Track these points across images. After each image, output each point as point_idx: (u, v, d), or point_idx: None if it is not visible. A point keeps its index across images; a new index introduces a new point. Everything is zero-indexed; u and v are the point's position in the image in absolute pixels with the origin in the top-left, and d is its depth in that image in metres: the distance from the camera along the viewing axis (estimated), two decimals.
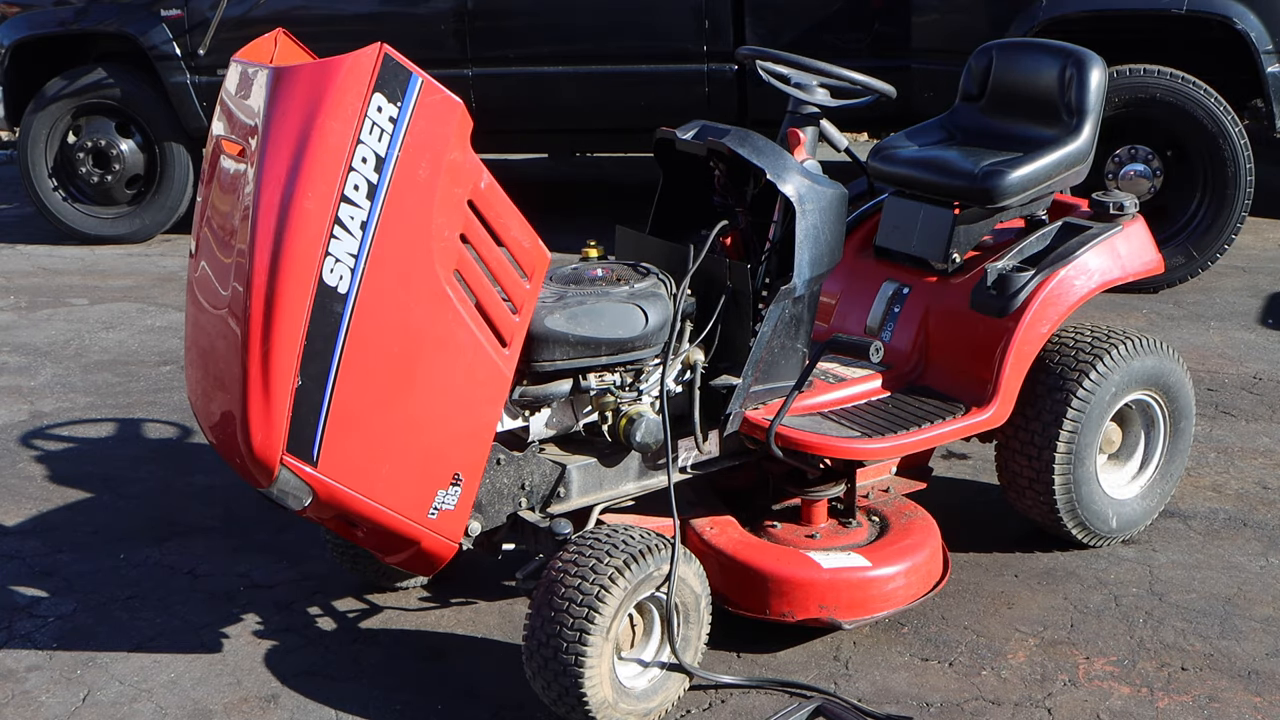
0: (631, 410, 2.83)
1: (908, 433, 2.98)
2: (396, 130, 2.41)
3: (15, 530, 3.76)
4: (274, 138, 2.36)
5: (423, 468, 2.61)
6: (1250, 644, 2.96)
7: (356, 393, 2.46)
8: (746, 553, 2.92)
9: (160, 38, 7.17)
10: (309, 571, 3.44)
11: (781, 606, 2.87)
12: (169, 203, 7.48)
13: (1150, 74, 5.72)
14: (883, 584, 2.90)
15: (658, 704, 2.72)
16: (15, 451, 4.36)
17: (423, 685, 2.91)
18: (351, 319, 2.41)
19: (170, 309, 6.09)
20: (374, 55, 2.40)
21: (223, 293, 2.51)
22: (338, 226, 2.37)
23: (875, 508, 3.17)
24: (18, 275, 6.89)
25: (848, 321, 3.44)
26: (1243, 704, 2.74)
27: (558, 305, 2.78)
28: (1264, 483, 3.80)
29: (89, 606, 3.31)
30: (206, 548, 3.62)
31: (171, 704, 2.87)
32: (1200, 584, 3.24)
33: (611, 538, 2.64)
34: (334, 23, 7.04)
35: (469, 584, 3.32)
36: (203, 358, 2.69)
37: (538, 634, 2.57)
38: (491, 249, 2.60)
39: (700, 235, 2.97)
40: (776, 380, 2.97)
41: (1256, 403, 4.42)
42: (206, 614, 3.25)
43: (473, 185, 2.54)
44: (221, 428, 2.57)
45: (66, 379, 5.12)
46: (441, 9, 6.84)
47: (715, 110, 6.56)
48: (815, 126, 3.18)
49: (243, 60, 2.64)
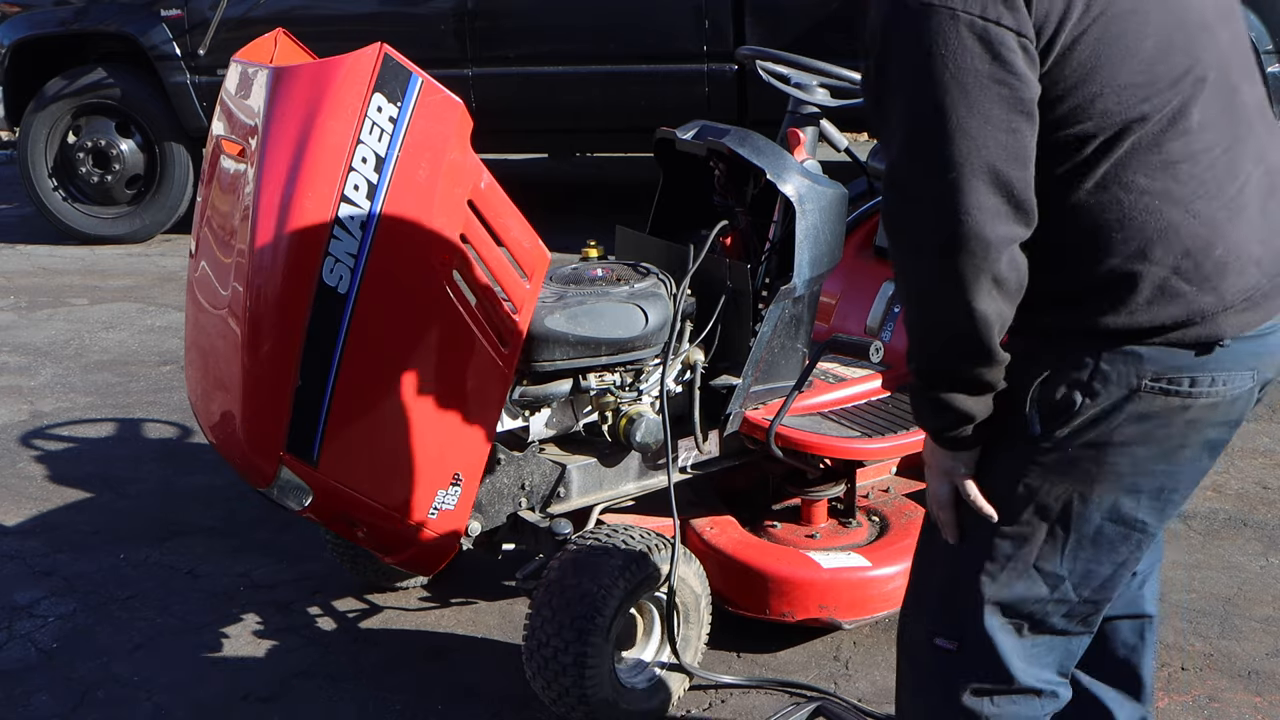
0: (631, 410, 2.83)
1: (908, 433, 2.98)
2: (396, 130, 2.41)
3: (15, 530, 3.76)
4: (274, 138, 2.36)
5: (423, 468, 2.61)
6: (1250, 644, 2.96)
7: (356, 393, 2.46)
8: (746, 553, 2.92)
9: (160, 38, 7.18)
10: (309, 571, 3.44)
11: (781, 606, 2.87)
12: (169, 203, 7.48)
13: None
14: (883, 584, 2.90)
15: (658, 704, 2.72)
16: (15, 451, 4.36)
17: (423, 685, 2.91)
18: (351, 319, 2.41)
19: (170, 309, 6.09)
20: (374, 55, 2.40)
21: (223, 293, 2.51)
22: (338, 226, 2.37)
23: (875, 508, 3.17)
24: (18, 275, 6.89)
25: (848, 321, 3.44)
26: (1243, 704, 2.74)
27: (558, 305, 2.78)
28: (1264, 483, 3.80)
29: (89, 606, 3.31)
30: (206, 548, 3.62)
31: (171, 704, 2.87)
32: (1200, 584, 3.24)
33: (611, 538, 2.64)
34: (334, 23, 7.05)
35: (469, 584, 3.32)
36: (203, 358, 2.69)
37: (538, 634, 2.57)
38: (491, 249, 2.60)
39: (700, 235, 2.97)
40: (776, 380, 2.97)
41: None
42: (206, 614, 3.25)
43: (473, 185, 2.54)
44: (221, 428, 2.57)
45: (66, 379, 5.12)
46: (441, 9, 6.84)
47: (715, 110, 6.55)
48: (815, 126, 3.18)
49: (243, 60, 2.64)
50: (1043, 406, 1.75)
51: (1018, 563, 1.82)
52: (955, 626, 1.87)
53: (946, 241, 1.62)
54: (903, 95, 1.66)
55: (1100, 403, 1.72)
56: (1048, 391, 1.74)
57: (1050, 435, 1.75)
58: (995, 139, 1.61)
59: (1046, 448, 1.76)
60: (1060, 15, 1.64)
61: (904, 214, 1.70)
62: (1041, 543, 1.81)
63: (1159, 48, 1.69)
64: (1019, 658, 1.86)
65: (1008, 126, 1.62)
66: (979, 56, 1.61)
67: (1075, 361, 1.73)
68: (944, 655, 1.89)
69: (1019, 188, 1.63)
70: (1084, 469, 1.76)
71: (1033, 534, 1.81)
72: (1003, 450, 1.80)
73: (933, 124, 1.62)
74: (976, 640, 1.85)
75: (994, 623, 1.84)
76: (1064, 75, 1.66)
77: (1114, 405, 1.72)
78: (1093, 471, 1.76)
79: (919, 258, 1.69)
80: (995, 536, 1.82)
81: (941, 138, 1.61)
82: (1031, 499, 1.79)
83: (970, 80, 1.61)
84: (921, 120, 1.64)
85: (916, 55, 1.63)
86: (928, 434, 1.83)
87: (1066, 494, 1.78)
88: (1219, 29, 1.77)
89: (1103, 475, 1.76)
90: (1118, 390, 1.71)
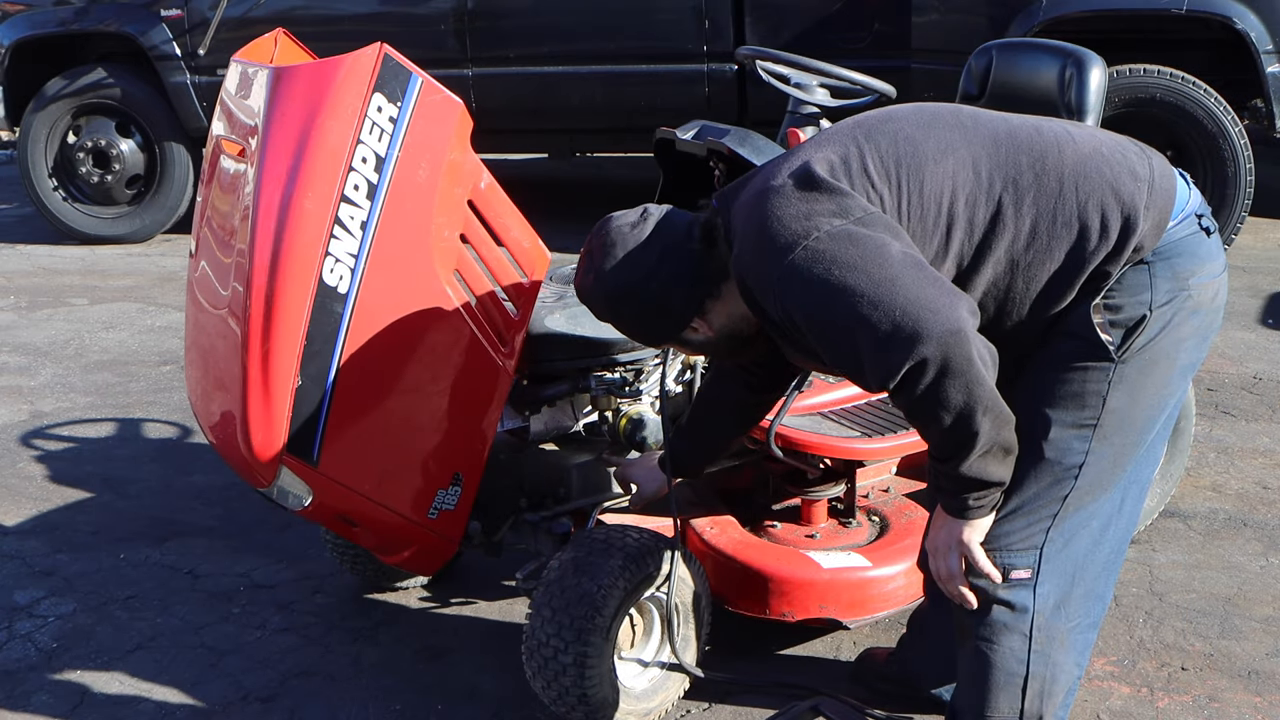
0: (631, 410, 2.83)
1: (908, 432, 2.98)
2: (396, 130, 2.41)
3: (15, 530, 3.76)
4: (274, 138, 2.36)
5: (423, 467, 2.61)
6: (1250, 644, 2.96)
7: (356, 393, 2.46)
8: (746, 553, 2.92)
9: (160, 38, 7.18)
10: (309, 571, 3.44)
11: (781, 606, 2.86)
12: (169, 203, 7.49)
13: (1150, 74, 5.72)
14: (883, 584, 2.90)
15: (658, 704, 2.72)
16: (15, 451, 4.36)
17: (423, 685, 2.91)
18: (351, 319, 2.41)
19: (170, 309, 6.10)
20: (374, 55, 2.40)
21: (223, 293, 2.51)
22: (338, 226, 2.36)
23: (875, 508, 3.17)
24: (18, 275, 6.90)
25: None
26: (1243, 704, 2.74)
27: (558, 305, 2.78)
28: (1264, 483, 3.80)
29: (89, 606, 3.31)
30: (206, 548, 3.62)
31: (171, 704, 2.87)
32: (1200, 584, 3.24)
33: (611, 538, 2.64)
34: (334, 23, 7.05)
35: (469, 584, 3.32)
36: (203, 358, 2.69)
37: (538, 634, 2.57)
38: (491, 249, 2.60)
39: None
40: None
41: (1256, 403, 4.42)
42: (206, 614, 3.25)
43: (473, 185, 2.54)
44: (221, 428, 2.57)
45: (66, 379, 5.12)
46: (441, 9, 6.85)
47: (715, 110, 6.56)
48: (815, 126, 3.18)
49: (243, 60, 2.64)
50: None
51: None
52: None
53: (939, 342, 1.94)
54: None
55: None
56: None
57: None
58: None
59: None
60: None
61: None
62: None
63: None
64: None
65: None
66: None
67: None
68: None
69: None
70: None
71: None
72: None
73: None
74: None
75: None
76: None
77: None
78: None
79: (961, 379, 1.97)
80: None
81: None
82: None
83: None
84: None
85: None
86: (956, 515, 2.13)
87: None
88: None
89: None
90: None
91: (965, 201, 2.07)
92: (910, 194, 2.07)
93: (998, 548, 2.15)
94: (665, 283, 2.19)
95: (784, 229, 2.01)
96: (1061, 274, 2.07)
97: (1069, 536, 2.16)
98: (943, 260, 2.07)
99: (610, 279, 2.20)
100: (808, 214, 2.01)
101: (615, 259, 2.19)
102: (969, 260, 2.08)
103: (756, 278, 2.07)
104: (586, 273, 2.24)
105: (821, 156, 2.09)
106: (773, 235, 2.02)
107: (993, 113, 2.21)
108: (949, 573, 2.17)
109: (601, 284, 2.21)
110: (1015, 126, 2.15)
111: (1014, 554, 2.15)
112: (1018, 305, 2.11)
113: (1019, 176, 2.08)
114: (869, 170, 2.07)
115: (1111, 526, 2.20)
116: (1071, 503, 2.14)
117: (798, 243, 1.99)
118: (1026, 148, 2.11)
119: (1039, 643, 2.19)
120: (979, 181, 2.08)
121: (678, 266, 2.18)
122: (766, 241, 2.02)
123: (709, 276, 2.19)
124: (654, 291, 2.19)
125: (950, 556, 2.16)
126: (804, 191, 2.03)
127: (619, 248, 2.19)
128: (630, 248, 2.19)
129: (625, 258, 2.19)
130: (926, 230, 2.06)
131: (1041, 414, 2.12)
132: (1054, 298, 2.09)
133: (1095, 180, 2.08)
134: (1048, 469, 2.13)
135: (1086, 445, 2.12)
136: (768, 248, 2.02)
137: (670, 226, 2.21)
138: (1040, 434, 2.12)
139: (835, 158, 2.09)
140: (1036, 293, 2.09)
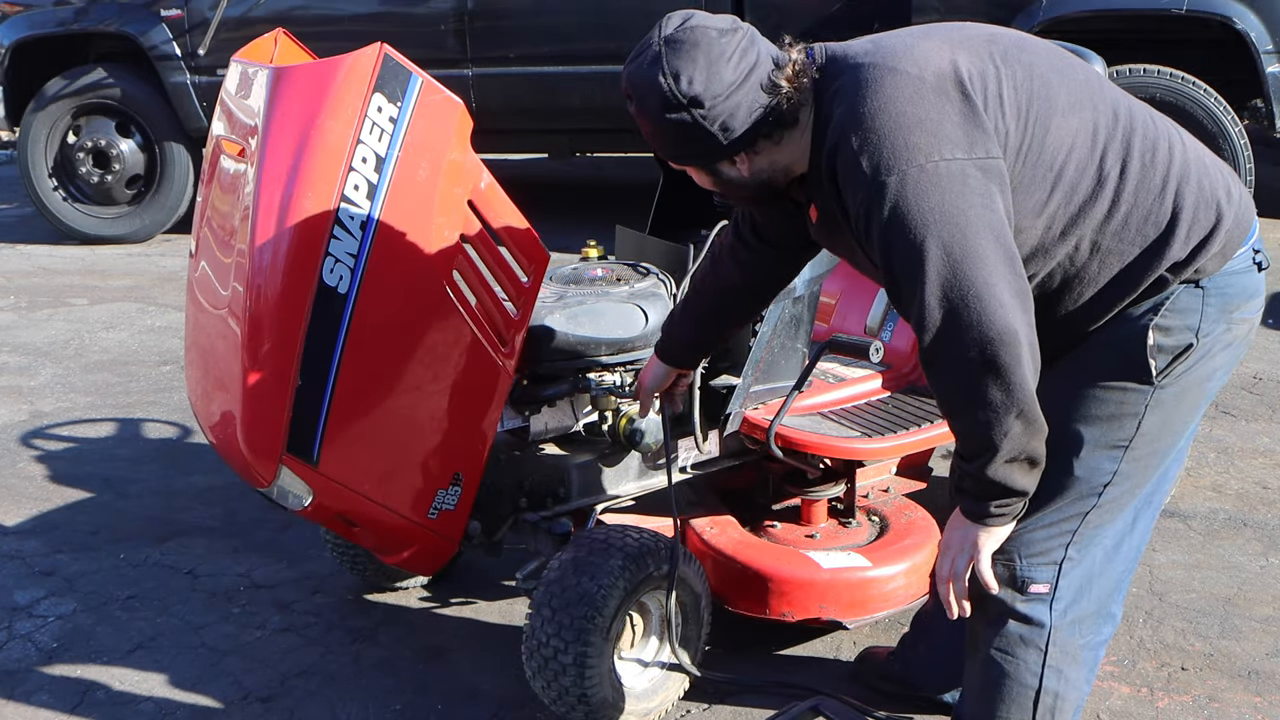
0: (631, 410, 2.83)
1: (908, 432, 2.98)
2: (396, 130, 2.41)
3: (15, 530, 3.76)
4: (274, 138, 2.36)
5: (423, 468, 2.61)
6: (1250, 644, 2.96)
7: (356, 393, 2.46)
8: (746, 553, 2.92)
9: (160, 38, 7.18)
10: (309, 571, 3.44)
11: (781, 606, 2.87)
12: (169, 203, 7.49)
13: (1150, 74, 5.72)
14: (882, 584, 2.90)
15: (658, 704, 2.72)
16: (15, 451, 4.36)
17: (423, 685, 2.91)
18: (351, 319, 2.41)
19: (170, 309, 6.10)
20: (374, 55, 2.40)
21: (223, 293, 2.51)
22: (338, 226, 2.36)
23: (875, 508, 3.17)
24: (18, 275, 6.90)
25: (848, 321, 3.44)
26: (1243, 704, 2.74)
27: (558, 305, 2.78)
28: (1264, 483, 3.80)
29: (89, 606, 3.31)
30: (206, 548, 3.62)
31: (171, 704, 2.87)
32: (1200, 584, 3.24)
33: (611, 538, 2.64)
34: (334, 23, 7.05)
35: (469, 584, 3.32)
36: (203, 358, 2.69)
37: (538, 634, 2.57)
38: (491, 249, 2.60)
39: (700, 235, 2.97)
40: (776, 380, 2.97)
41: (1256, 403, 4.42)
42: (206, 614, 3.25)
43: (473, 185, 2.54)
44: (221, 428, 2.57)
45: (66, 379, 5.12)
46: (441, 9, 6.85)
47: None
48: None
49: (243, 60, 2.64)
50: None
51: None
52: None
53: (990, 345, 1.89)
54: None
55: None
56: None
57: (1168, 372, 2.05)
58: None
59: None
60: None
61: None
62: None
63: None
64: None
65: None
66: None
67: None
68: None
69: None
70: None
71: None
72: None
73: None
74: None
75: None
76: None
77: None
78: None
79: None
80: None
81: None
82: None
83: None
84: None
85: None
86: (977, 520, 2.06)
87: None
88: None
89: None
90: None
91: (1075, 166, 1.98)
92: (1035, 139, 1.95)
93: (1016, 557, 2.12)
94: (737, 107, 1.99)
95: (908, 134, 1.87)
96: (1131, 270, 2.01)
97: (1084, 553, 2.13)
98: (1035, 217, 1.97)
99: (682, 80, 1.98)
100: (936, 128, 1.87)
101: (694, 61, 1.97)
102: (1058, 227, 1.99)
103: (851, 162, 1.91)
104: (652, 64, 2.02)
105: (964, 61, 1.94)
106: (890, 132, 1.87)
107: (1110, 83, 2.11)
108: (952, 574, 2.13)
109: (666, 81, 1.98)
110: (1134, 106, 2.06)
111: (1034, 568, 2.12)
112: (1082, 289, 2.03)
113: (1129, 160, 1.99)
114: (1004, 97, 1.94)
115: (1124, 544, 2.18)
116: (1091, 520, 2.11)
117: (915, 158, 1.86)
118: (1142, 132, 2.03)
119: (1054, 658, 2.16)
120: (1094, 150, 1.99)
121: (758, 97, 2.00)
122: (883, 136, 1.88)
123: (780, 120, 2.02)
124: (720, 111, 1.99)
125: (960, 559, 2.11)
126: (939, 97, 1.89)
127: (701, 50, 1.98)
128: (713, 55, 1.98)
129: (706, 63, 1.97)
130: (1035, 181, 1.96)
131: (1075, 431, 2.07)
132: (1115, 295, 2.02)
133: (1194, 188, 2.02)
134: (1074, 485, 2.09)
135: (1116, 466, 2.08)
136: (883, 144, 1.87)
137: (760, 50, 2.04)
138: (1072, 451, 2.08)
139: (974, 69, 1.94)
140: (1104, 283, 2.02)
